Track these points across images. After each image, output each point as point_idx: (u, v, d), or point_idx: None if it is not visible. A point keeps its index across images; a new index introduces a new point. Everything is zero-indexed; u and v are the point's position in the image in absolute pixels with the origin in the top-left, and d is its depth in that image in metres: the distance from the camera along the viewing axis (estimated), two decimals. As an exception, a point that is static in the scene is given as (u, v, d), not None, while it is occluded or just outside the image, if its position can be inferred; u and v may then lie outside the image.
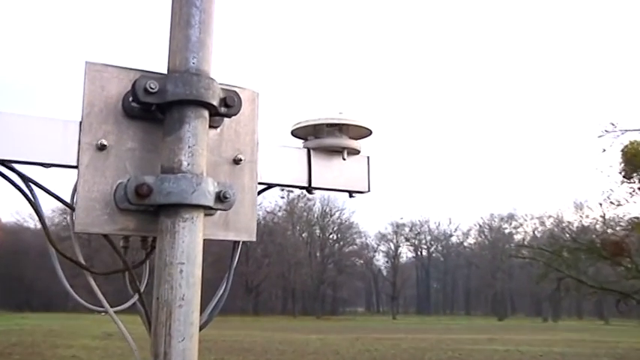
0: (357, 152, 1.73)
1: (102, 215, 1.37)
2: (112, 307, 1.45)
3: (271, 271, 64.98)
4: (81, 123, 1.39)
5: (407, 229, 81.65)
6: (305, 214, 73.08)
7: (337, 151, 1.71)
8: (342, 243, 75.22)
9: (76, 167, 1.37)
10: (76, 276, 1.53)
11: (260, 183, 1.60)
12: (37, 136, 1.37)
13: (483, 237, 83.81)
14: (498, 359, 19.17)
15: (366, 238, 78.16)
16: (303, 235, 73.30)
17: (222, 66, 1.56)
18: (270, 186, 1.65)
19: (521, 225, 77.52)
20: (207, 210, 1.38)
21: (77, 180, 1.37)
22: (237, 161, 1.55)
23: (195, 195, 1.31)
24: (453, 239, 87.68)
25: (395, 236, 79.85)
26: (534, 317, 71.14)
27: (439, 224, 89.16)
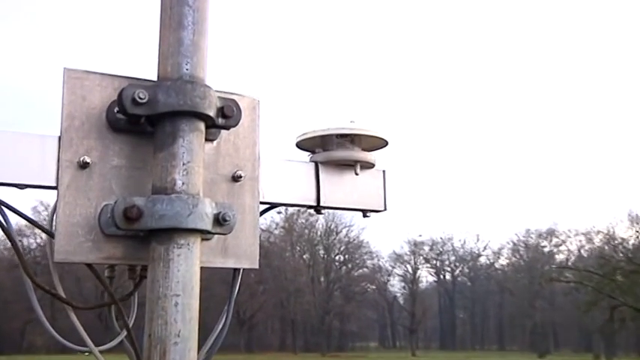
0: (371, 166, 1.80)
1: (85, 242, 1.44)
2: (97, 345, 1.52)
3: (267, 300, 64.88)
4: (60, 138, 1.46)
5: (427, 249, 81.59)
6: (306, 231, 73.09)
7: (349, 165, 1.78)
8: (350, 266, 75.18)
9: (55, 188, 1.44)
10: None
11: (262, 202, 1.67)
12: (11, 154, 1.43)
13: (518, 257, 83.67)
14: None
15: (378, 260, 78.06)
16: (305, 256, 73.32)
17: (219, 71, 1.63)
18: (273, 206, 1.72)
19: (563, 242, 77.22)
20: (205, 234, 1.45)
21: (57, 202, 1.43)
22: (236, 178, 1.62)
23: (191, 218, 1.38)
24: (482, 260, 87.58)
25: (412, 257, 79.74)
26: (583, 353, 70.70)
27: (465, 242, 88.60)
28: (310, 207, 1.76)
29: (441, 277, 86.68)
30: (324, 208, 1.76)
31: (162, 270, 1.37)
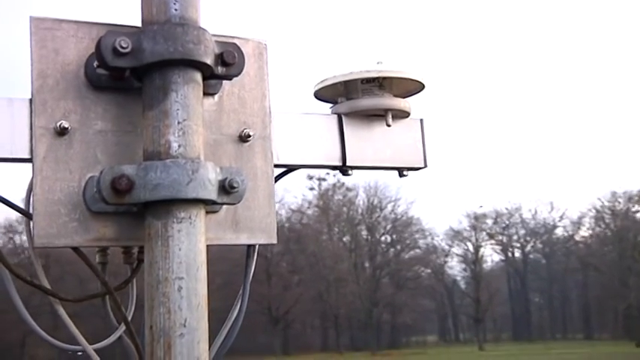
0: (405, 115, 1.80)
1: (69, 222, 1.46)
2: (91, 344, 1.55)
3: (304, 293, 65.50)
4: (31, 101, 1.48)
5: (490, 222, 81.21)
6: (345, 210, 73.35)
7: (378, 116, 1.79)
8: (399, 247, 75.32)
9: (29, 160, 1.46)
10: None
11: (277, 165, 1.69)
12: (-24, 123, 1.46)
13: (604, 226, 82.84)
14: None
15: (432, 239, 78.04)
16: (345, 239, 73.65)
17: (218, 12, 1.62)
18: (290, 169, 1.74)
19: (660, 205, 76.33)
20: (210, 205, 1.47)
21: (33, 177, 1.45)
22: (244, 138, 1.63)
23: (191, 186, 1.39)
24: (558, 232, 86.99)
25: (473, 233, 79.51)
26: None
27: (536, 212, 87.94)
28: (335, 168, 1.77)
29: (509, 254, 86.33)
30: (352, 168, 1.77)
31: (160, 249, 1.39)
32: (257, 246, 1.67)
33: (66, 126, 1.48)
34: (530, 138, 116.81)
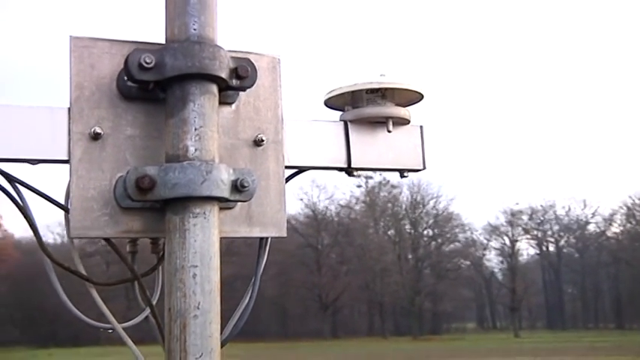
0: (405, 122, 1.83)
1: (102, 216, 1.53)
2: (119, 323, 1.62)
3: (351, 282, 65.44)
4: (69, 109, 1.55)
5: (525, 218, 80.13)
6: (390, 205, 73.10)
7: (381, 122, 1.82)
8: (440, 240, 74.83)
9: (67, 162, 1.53)
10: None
11: (288, 167, 1.73)
12: (19, 129, 1.53)
13: (634, 223, 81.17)
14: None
15: (471, 233, 77.37)
16: (390, 232, 73.39)
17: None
18: (300, 170, 1.78)
19: (688, 203, 74.54)
20: (223, 202, 1.52)
21: (70, 177, 1.53)
22: (258, 142, 1.68)
23: (205, 185, 1.44)
24: (591, 228, 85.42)
25: (510, 228, 78.52)
26: None
27: (570, 209, 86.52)
28: (341, 169, 1.80)
29: (544, 248, 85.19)
30: (356, 169, 1.80)
31: (178, 241, 1.45)
32: (269, 239, 1.71)
33: (99, 131, 1.55)
34: (566, 138, 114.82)
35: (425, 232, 74.46)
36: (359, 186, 68.43)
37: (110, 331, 1.62)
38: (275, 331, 62.86)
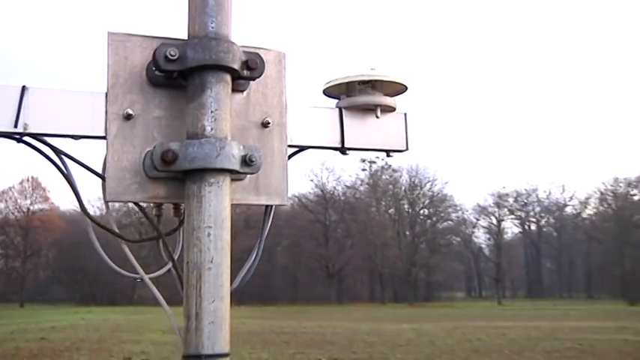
0: (392, 109, 1.88)
1: (132, 184, 1.61)
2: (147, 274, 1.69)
3: (355, 254, 65.58)
4: (107, 94, 1.62)
5: (511, 200, 79.82)
6: (391, 187, 72.93)
7: (371, 110, 1.87)
8: (434, 219, 74.66)
9: (104, 138, 1.61)
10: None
11: (290, 146, 1.79)
12: (66, 109, 1.61)
13: (606, 206, 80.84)
14: (630, 351, 18.62)
15: (462, 213, 77.15)
16: (390, 211, 73.28)
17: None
18: (301, 149, 1.84)
19: (654, 190, 74.21)
20: (234, 174, 1.59)
21: (106, 150, 1.60)
22: (265, 124, 1.74)
23: (219, 159, 1.52)
24: (568, 210, 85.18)
25: (497, 209, 78.24)
26: (676, 300, 68.34)
27: (550, 193, 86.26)
28: (335, 149, 1.86)
29: (526, 227, 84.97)
30: (349, 149, 1.85)
31: (196, 205, 1.53)
32: (273, 206, 1.78)
33: (131, 113, 1.62)
34: (549, 129, 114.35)
35: (421, 211, 74.33)
36: (364, 169, 68.53)
37: (139, 280, 1.69)
38: (287, 296, 63.08)
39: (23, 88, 1.57)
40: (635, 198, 76.75)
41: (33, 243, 64.15)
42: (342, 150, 1.86)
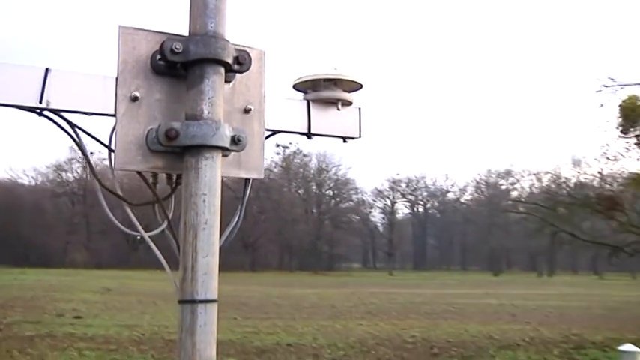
0: (349, 103, 2.00)
1: (137, 156, 1.66)
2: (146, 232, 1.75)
3: (268, 228, 65.57)
4: (117, 78, 1.66)
5: (403, 185, 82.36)
6: (301, 170, 73.46)
7: (333, 103, 1.99)
8: (338, 199, 75.82)
9: (114, 115, 1.65)
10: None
11: (267, 129, 1.89)
12: (81, 90, 1.64)
13: (480, 193, 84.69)
14: (492, 312, 19.77)
15: (362, 195, 78.80)
16: (300, 191, 73.87)
17: (234, 28, 1.82)
18: (275, 132, 1.94)
19: (518, 181, 77.99)
20: (224, 151, 1.67)
21: (115, 126, 1.65)
22: (247, 111, 1.82)
23: (215, 138, 1.60)
24: (450, 195, 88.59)
25: (391, 192, 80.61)
26: (529, 272, 72.49)
27: (436, 180, 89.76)
28: (303, 134, 1.96)
29: (415, 209, 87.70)
30: (314, 135, 1.96)
31: (193, 176, 1.60)
32: (251, 180, 1.87)
33: (137, 95, 1.67)
34: (436, 126, 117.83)
35: (327, 192, 75.30)
36: (278, 154, 68.55)
37: (139, 237, 1.75)
38: (206, 263, 62.22)
39: (47, 70, 1.59)
40: (503, 187, 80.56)
41: (-32, 208, 60.56)
42: (309, 135, 1.96)
